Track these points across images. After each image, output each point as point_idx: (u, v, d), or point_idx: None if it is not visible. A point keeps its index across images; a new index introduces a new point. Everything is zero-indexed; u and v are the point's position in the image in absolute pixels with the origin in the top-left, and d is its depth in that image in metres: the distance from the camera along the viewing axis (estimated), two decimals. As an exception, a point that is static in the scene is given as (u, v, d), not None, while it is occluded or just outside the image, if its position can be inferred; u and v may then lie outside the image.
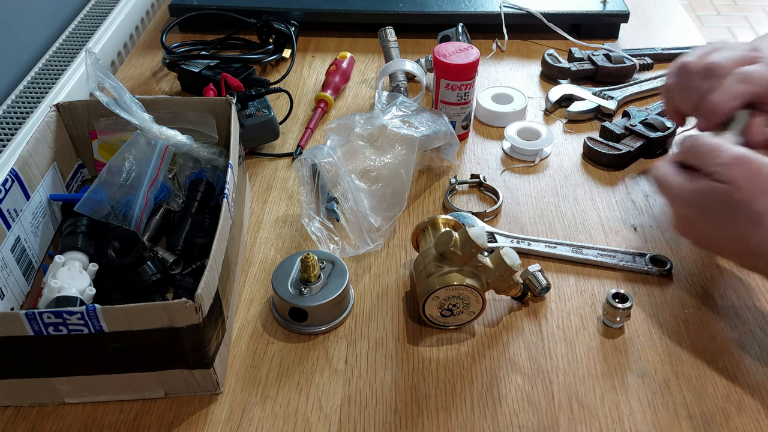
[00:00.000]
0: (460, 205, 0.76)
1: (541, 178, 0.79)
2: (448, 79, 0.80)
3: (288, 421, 0.55)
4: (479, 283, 0.59)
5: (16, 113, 0.83)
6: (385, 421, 0.55)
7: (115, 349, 0.51)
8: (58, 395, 0.56)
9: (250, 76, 0.92)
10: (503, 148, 0.84)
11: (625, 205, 0.75)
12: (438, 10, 1.03)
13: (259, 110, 0.83)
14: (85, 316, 0.48)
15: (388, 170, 0.72)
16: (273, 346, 0.61)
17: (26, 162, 0.64)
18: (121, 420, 0.56)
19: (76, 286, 0.58)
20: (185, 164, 0.71)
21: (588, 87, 0.91)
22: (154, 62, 1.02)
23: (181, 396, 0.57)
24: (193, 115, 0.72)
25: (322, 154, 0.70)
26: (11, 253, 0.60)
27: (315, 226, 0.69)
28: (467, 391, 0.57)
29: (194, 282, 0.63)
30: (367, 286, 0.67)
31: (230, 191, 0.60)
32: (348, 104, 0.93)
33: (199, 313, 0.50)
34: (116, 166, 0.67)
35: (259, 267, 0.69)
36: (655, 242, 0.70)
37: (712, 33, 2.90)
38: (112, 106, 0.66)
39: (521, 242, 0.70)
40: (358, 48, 1.04)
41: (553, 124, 0.88)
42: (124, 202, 0.65)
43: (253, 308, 0.65)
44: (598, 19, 1.03)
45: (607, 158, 0.80)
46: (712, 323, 0.62)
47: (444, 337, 0.62)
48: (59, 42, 0.97)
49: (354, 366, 0.59)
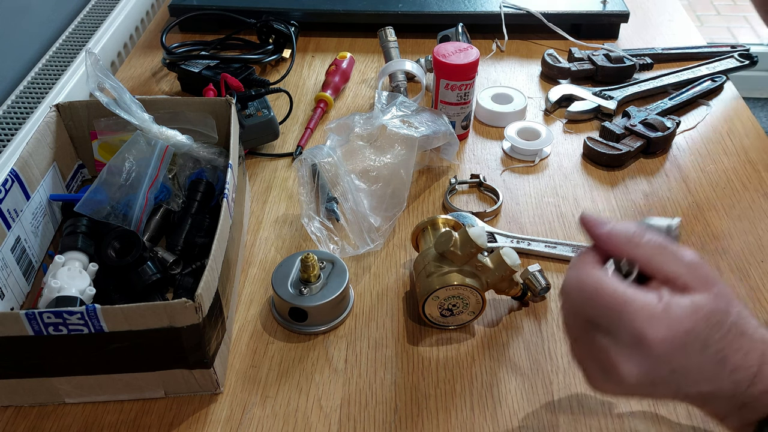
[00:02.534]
0: (460, 205, 0.76)
1: (541, 178, 0.79)
2: (447, 79, 0.80)
3: (288, 421, 0.55)
4: (479, 283, 0.59)
5: (16, 113, 0.83)
6: (385, 421, 0.55)
7: (115, 349, 0.51)
8: (58, 395, 0.56)
9: (250, 76, 0.92)
10: (503, 148, 0.84)
11: (625, 205, 0.75)
12: (438, 10, 1.03)
13: (258, 110, 0.83)
14: (85, 316, 0.48)
15: (387, 170, 0.72)
16: (273, 346, 0.61)
17: (26, 162, 0.64)
18: (121, 420, 0.56)
19: (76, 286, 0.58)
20: (185, 164, 0.71)
21: (588, 87, 0.91)
22: (154, 62, 1.02)
23: (181, 396, 0.57)
24: (193, 115, 0.72)
25: (321, 154, 0.70)
26: (11, 253, 0.60)
27: (315, 226, 0.69)
28: (467, 391, 0.57)
29: (194, 282, 0.63)
30: (367, 286, 0.67)
31: (230, 191, 0.60)
32: (348, 104, 0.93)
33: (199, 313, 0.50)
34: (116, 166, 0.67)
35: (259, 267, 0.69)
36: (655, 242, 0.70)
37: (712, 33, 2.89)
38: (112, 107, 0.66)
39: (521, 242, 0.70)
40: (358, 48, 1.04)
41: (553, 124, 0.88)
42: (124, 202, 0.65)
43: (253, 308, 0.65)
44: (598, 19, 1.03)
45: (607, 158, 0.80)
46: (712, 323, 0.62)
47: (444, 337, 0.62)
48: (59, 42, 0.97)
49: (354, 366, 0.59)
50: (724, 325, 0.45)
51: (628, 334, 0.44)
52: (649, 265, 0.47)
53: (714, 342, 0.44)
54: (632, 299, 0.44)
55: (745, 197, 0.75)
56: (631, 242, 0.47)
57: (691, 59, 0.98)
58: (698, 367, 0.45)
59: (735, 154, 0.82)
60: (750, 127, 0.86)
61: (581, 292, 0.46)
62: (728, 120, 0.87)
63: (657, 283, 0.46)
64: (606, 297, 0.45)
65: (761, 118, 2.36)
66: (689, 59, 0.98)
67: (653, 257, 0.46)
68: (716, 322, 0.45)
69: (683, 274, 0.45)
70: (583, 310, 0.47)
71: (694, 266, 0.46)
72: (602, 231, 0.48)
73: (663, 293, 0.45)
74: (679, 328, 0.44)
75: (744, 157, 0.81)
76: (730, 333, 0.45)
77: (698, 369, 0.45)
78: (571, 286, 0.47)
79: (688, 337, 0.44)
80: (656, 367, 0.45)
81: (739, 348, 0.45)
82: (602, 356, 0.46)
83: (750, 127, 0.86)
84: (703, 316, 0.44)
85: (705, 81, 0.92)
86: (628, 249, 0.47)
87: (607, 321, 0.45)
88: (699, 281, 0.45)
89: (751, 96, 2.44)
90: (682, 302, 0.44)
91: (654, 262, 0.46)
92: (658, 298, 0.45)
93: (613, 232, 0.47)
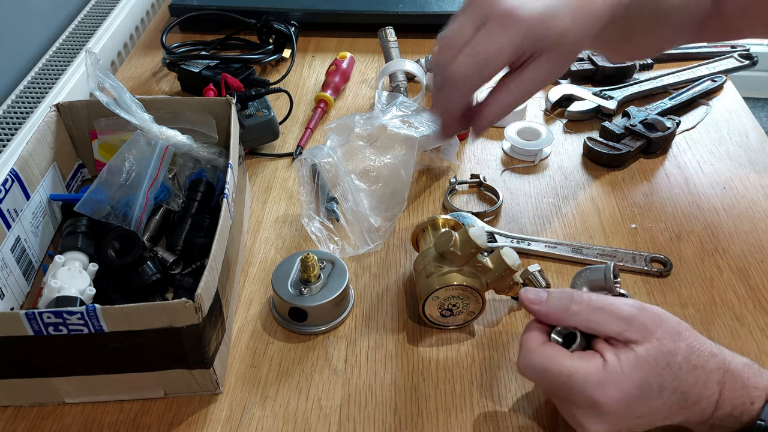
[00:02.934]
0: (460, 205, 0.76)
1: (541, 178, 0.79)
2: (448, 79, 0.79)
3: (288, 421, 0.55)
4: (479, 283, 0.59)
5: (16, 113, 0.83)
6: (385, 421, 0.55)
7: (115, 349, 0.51)
8: (58, 395, 0.56)
9: (250, 76, 0.92)
10: (503, 148, 0.84)
11: (625, 205, 0.75)
12: (438, 10, 1.03)
13: (259, 110, 0.83)
14: (85, 316, 0.48)
15: (388, 170, 0.72)
16: (273, 346, 0.61)
17: (26, 162, 0.64)
18: (121, 420, 0.56)
19: (76, 286, 0.58)
20: (185, 164, 0.71)
21: (588, 87, 0.91)
22: (154, 62, 1.02)
23: (181, 396, 0.57)
24: (193, 115, 0.72)
25: (322, 154, 0.70)
26: (11, 253, 0.60)
27: (315, 226, 0.69)
28: (467, 391, 0.57)
29: (194, 282, 0.63)
30: (367, 286, 0.67)
31: (230, 191, 0.60)
32: (348, 104, 0.93)
33: (199, 313, 0.50)
34: (116, 166, 0.67)
35: (259, 267, 0.69)
36: (655, 242, 0.70)
37: (712, 33, 2.89)
38: (112, 106, 0.66)
39: (521, 242, 0.70)
40: (358, 48, 1.04)
41: (553, 124, 0.88)
42: (124, 202, 0.65)
43: (253, 308, 0.65)
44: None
45: (607, 158, 0.80)
46: (712, 324, 0.62)
47: (444, 337, 0.62)
48: (59, 42, 0.97)
49: (354, 366, 0.59)
50: (674, 365, 0.47)
51: (584, 401, 0.47)
52: (589, 329, 0.50)
53: (669, 383, 0.47)
54: (577, 371, 0.47)
55: (745, 197, 0.75)
56: (567, 313, 0.50)
57: (691, 59, 0.98)
58: (662, 407, 0.47)
59: (735, 154, 0.82)
60: (750, 127, 0.86)
61: (533, 372, 0.50)
62: (728, 120, 0.87)
63: (601, 342, 0.49)
64: (554, 373, 0.48)
65: (761, 118, 2.36)
66: (689, 59, 0.98)
67: (590, 322, 0.49)
68: (665, 365, 0.47)
69: (623, 330, 0.48)
70: (542, 385, 0.52)
71: (631, 319, 0.48)
72: (539, 308, 0.52)
73: (607, 354, 0.48)
74: (628, 384, 0.46)
75: (744, 158, 0.81)
76: (682, 370, 0.47)
77: (663, 408, 0.47)
78: (524, 367, 0.51)
79: (641, 389, 0.46)
80: (619, 421, 0.47)
81: (696, 381, 0.47)
82: (575, 419, 0.49)
83: (750, 127, 0.86)
84: (650, 365, 0.47)
85: (705, 81, 0.92)
86: (566, 320, 0.50)
87: (562, 392, 0.49)
88: (639, 332, 0.48)
89: (751, 96, 2.44)
90: (625, 358, 0.47)
91: (592, 326, 0.49)
92: (602, 363, 0.47)
93: (550, 307, 0.51)
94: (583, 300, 0.50)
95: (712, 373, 0.47)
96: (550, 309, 0.51)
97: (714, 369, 0.47)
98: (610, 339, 0.49)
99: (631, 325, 0.48)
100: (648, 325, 0.48)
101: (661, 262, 0.67)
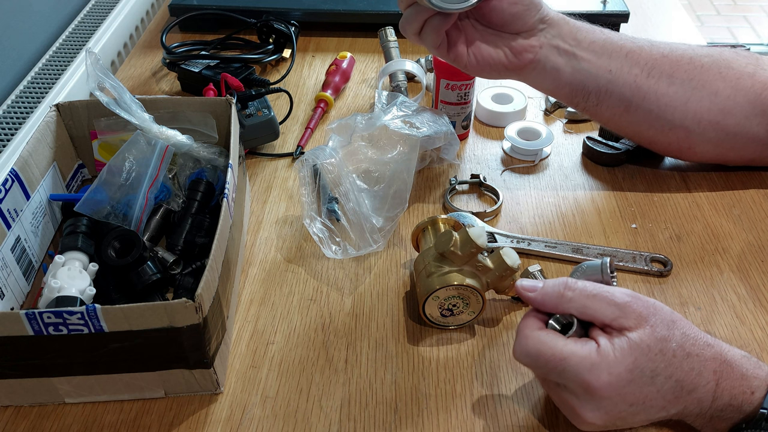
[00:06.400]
0: (460, 205, 0.76)
1: (541, 178, 0.79)
2: (448, 79, 0.80)
3: (288, 421, 0.55)
4: (479, 283, 0.59)
5: (16, 113, 0.83)
6: (385, 421, 0.55)
7: (115, 349, 0.51)
8: (58, 395, 0.56)
9: (250, 76, 0.92)
10: (503, 148, 0.84)
11: (625, 205, 0.75)
12: (438, 10, 1.03)
13: (259, 110, 0.83)
14: (85, 316, 0.48)
15: (389, 171, 0.72)
16: (273, 347, 0.61)
17: (26, 162, 0.64)
18: (121, 420, 0.56)
19: (76, 286, 0.58)
20: (185, 164, 0.71)
21: (588, 87, 0.91)
22: (154, 62, 1.02)
23: (181, 396, 0.57)
24: (193, 115, 0.72)
25: (324, 155, 0.70)
26: (11, 253, 0.60)
27: (317, 227, 0.69)
28: (467, 391, 0.57)
29: (194, 282, 0.63)
30: (367, 286, 0.67)
31: (230, 191, 0.60)
32: (348, 104, 0.93)
33: (199, 313, 0.50)
34: (116, 166, 0.67)
35: (259, 267, 0.69)
36: (655, 242, 0.70)
37: (712, 33, 2.90)
38: (112, 106, 0.66)
39: (521, 242, 0.70)
40: (358, 48, 1.04)
41: (553, 124, 0.88)
42: (124, 202, 0.65)
43: (253, 308, 0.65)
44: (598, 19, 1.02)
45: (607, 157, 0.80)
46: (712, 323, 0.62)
47: (444, 337, 0.62)
48: (59, 42, 0.97)
49: (354, 366, 0.59)
50: (668, 351, 0.47)
51: (577, 386, 0.48)
52: (584, 316, 0.50)
53: (662, 369, 0.47)
54: (570, 354, 0.48)
55: (746, 197, 0.75)
56: (562, 299, 0.51)
57: (691, 59, 0.98)
58: (657, 395, 0.48)
59: (735, 154, 0.82)
60: (750, 127, 0.86)
61: (528, 356, 0.50)
62: (728, 120, 0.87)
63: (597, 329, 0.50)
64: (548, 357, 0.49)
65: (761, 118, 2.36)
66: (689, 59, 0.98)
67: (586, 308, 0.50)
68: (658, 351, 0.47)
69: (617, 316, 0.49)
70: (537, 371, 0.52)
71: (626, 306, 0.49)
72: (535, 296, 0.52)
73: (600, 340, 0.48)
74: (620, 368, 0.47)
75: (744, 157, 0.81)
76: (675, 357, 0.47)
77: (657, 396, 0.48)
78: (519, 352, 0.51)
79: (633, 373, 0.47)
80: (613, 407, 0.48)
81: (690, 369, 0.47)
82: (568, 405, 0.50)
83: (750, 127, 0.86)
84: (642, 351, 0.47)
85: (705, 81, 0.92)
86: (561, 306, 0.51)
87: (556, 377, 0.49)
88: (633, 319, 0.48)
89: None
90: (618, 343, 0.48)
91: (588, 312, 0.50)
92: (595, 348, 0.48)
93: (546, 294, 0.51)
94: (577, 287, 0.51)
95: (707, 362, 0.48)
96: (545, 296, 0.51)
97: (709, 358, 0.48)
98: (605, 327, 0.49)
99: (625, 311, 0.48)
100: (642, 312, 0.48)
101: (662, 262, 0.67)
